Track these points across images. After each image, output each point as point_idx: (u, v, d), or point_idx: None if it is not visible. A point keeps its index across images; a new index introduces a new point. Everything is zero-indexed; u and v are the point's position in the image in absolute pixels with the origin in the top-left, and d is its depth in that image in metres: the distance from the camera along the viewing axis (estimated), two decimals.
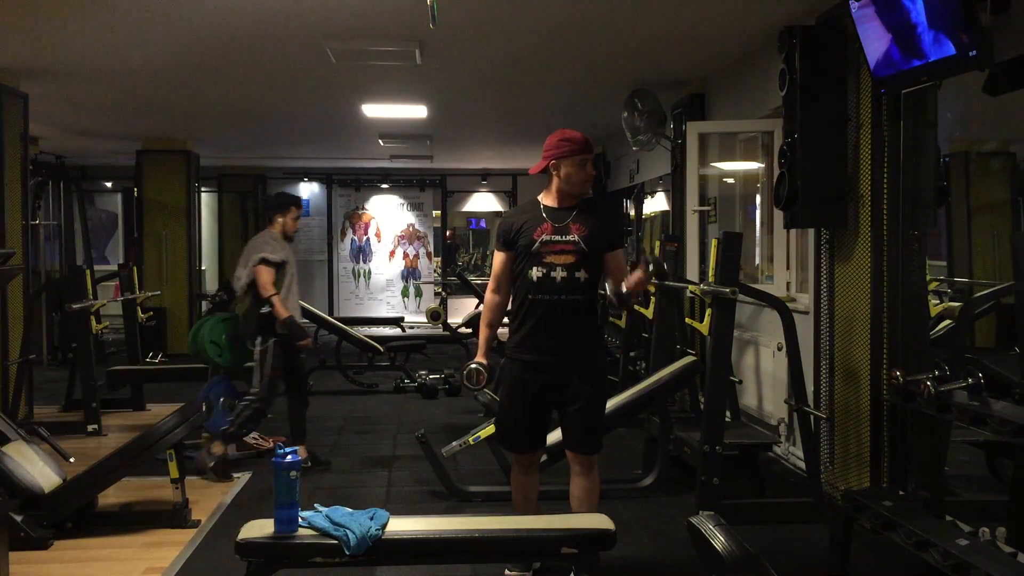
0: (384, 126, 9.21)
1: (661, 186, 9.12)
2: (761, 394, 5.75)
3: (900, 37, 3.54)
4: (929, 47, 3.38)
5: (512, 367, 3.48)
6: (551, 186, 3.49)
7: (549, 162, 3.44)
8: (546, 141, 3.48)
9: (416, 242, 14.59)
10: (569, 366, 3.40)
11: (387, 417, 7.12)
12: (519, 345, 3.45)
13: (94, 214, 13.78)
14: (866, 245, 4.22)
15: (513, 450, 3.59)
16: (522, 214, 3.51)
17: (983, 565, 2.65)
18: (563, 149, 3.42)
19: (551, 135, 3.48)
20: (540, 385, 3.41)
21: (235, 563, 2.85)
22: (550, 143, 3.46)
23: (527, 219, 3.45)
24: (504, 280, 3.52)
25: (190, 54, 5.91)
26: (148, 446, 4.21)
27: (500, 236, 3.53)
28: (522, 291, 3.43)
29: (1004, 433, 2.83)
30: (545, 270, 3.37)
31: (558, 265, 3.37)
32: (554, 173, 3.45)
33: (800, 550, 3.97)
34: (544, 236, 3.39)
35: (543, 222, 3.42)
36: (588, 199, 3.52)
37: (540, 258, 3.38)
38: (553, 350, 3.40)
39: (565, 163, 3.41)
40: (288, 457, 2.80)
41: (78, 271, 6.91)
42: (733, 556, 2.08)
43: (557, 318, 3.38)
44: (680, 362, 4.97)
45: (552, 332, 3.39)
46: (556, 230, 3.39)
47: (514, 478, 3.62)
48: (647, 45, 5.77)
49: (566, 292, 3.37)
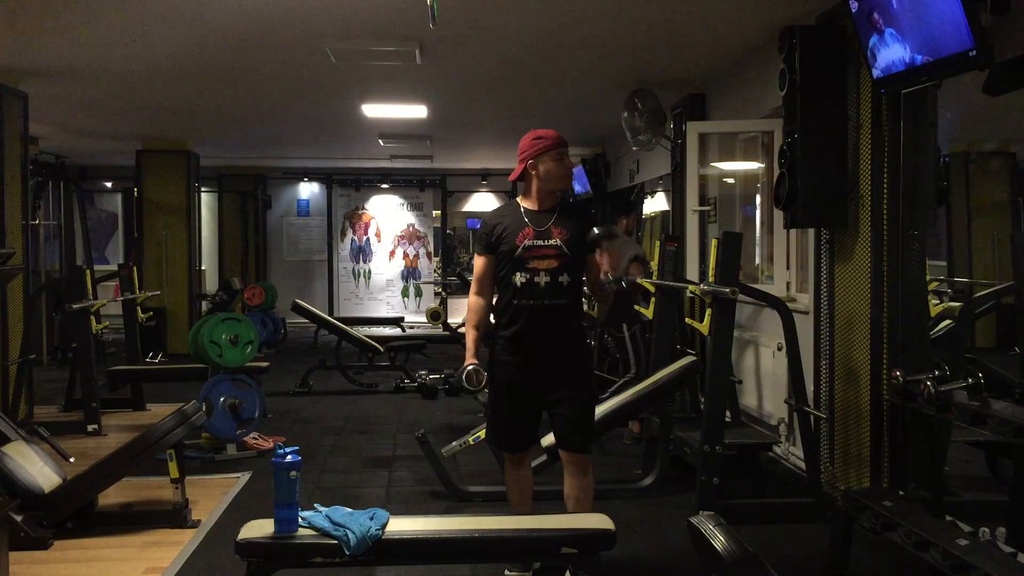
0: (384, 126, 9.21)
1: (661, 186, 9.11)
2: (761, 394, 5.75)
3: (900, 37, 3.54)
4: (929, 47, 3.38)
5: (500, 368, 3.46)
6: (530, 188, 3.47)
7: (526, 163, 3.43)
8: (519, 145, 3.47)
9: (416, 242, 14.59)
10: (555, 368, 3.40)
11: (387, 417, 7.12)
12: (506, 347, 3.44)
13: (94, 214, 13.78)
14: (866, 245, 4.22)
15: (505, 449, 3.60)
16: (502, 218, 3.48)
17: (983, 565, 2.65)
18: (538, 147, 3.42)
19: (523, 138, 3.48)
20: (528, 386, 3.42)
21: (235, 563, 2.85)
22: (524, 145, 3.45)
23: (508, 223, 3.43)
24: (487, 283, 3.51)
25: (190, 54, 5.91)
26: (148, 446, 4.21)
27: (480, 240, 3.50)
28: (506, 295, 3.42)
29: (1004, 433, 2.84)
30: (528, 275, 3.35)
31: (541, 270, 3.35)
32: (532, 173, 3.43)
33: (800, 550, 3.97)
34: (526, 241, 3.37)
35: (524, 226, 3.40)
36: (568, 203, 3.53)
37: (523, 263, 3.37)
38: (539, 352, 3.40)
39: (543, 160, 3.41)
40: (288, 457, 2.79)
41: (78, 271, 6.91)
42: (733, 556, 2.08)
43: (542, 322, 3.38)
44: (680, 362, 4.97)
45: (537, 335, 3.39)
46: (538, 234, 3.38)
47: (508, 473, 3.63)
48: (647, 45, 5.77)
49: (549, 297, 3.36)
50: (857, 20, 3.79)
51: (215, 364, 5.75)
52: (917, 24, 3.42)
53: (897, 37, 3.56)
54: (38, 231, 10.01)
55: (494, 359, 3.49)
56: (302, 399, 7.93)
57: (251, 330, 5.88)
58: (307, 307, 9.49)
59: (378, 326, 12.05)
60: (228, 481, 5.11)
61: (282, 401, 7.70)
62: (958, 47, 3.20)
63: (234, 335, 5.76)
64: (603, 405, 4.93)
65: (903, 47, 3.53)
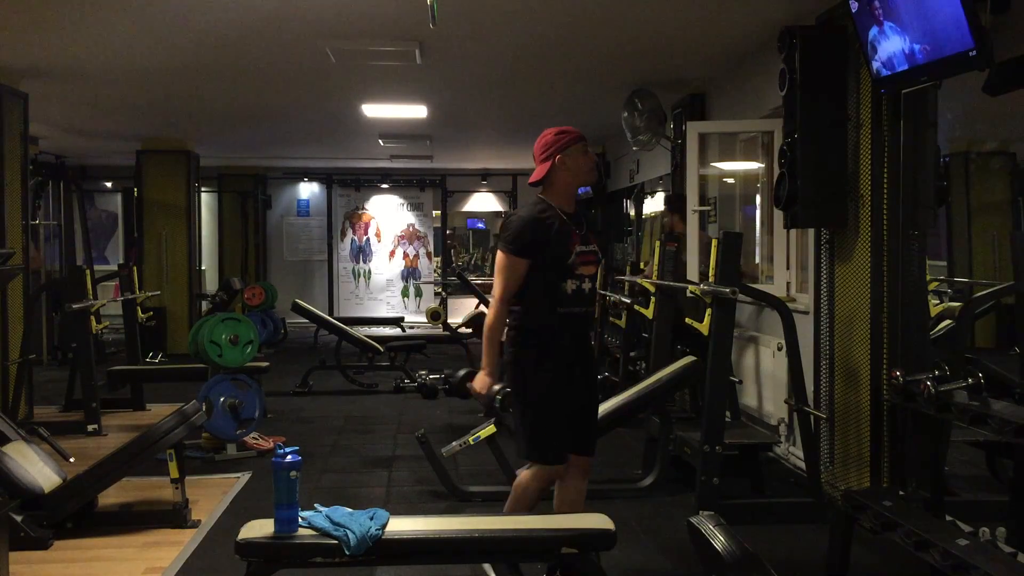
0: (384, 126, 9.21)
1: (661, 186, 9.11)
2: (761, 394, 5.75)
3: (900, 37, 3.54)
4: (929, 47, 3.38)
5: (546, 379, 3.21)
6: (559, 187, 3.27)
7: (554, 159, 3.23)
8: (538, 144, 3.29)
9: (416, 242, 14.59)
10: (586, 373, 3.36)
11: (387, 417, 7.12)
12: (555, 359, 3.21)
13: (94, 214, 13.78)
14: (866, 245, 4.22)
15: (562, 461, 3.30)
16: (549, 219, 3.21)
17: (983, 565, 2.65)
18: (562, 140, 3.26)
19: (540, 138, 3.30)
20: (574, 395, 3.30)
21: (235, 563, 2.85)
22: (547, 141, 3.27)
23: (557, 227, 3.20)
24: (517, 290, 3.21)
25: (190, 54, 5.91)
26: (148, 446, 4.21)
27: (519, 240, 3.18)
28: (546, 302, 3.19)
29: (1004, 433, 2.83)
30: (578, 283, 3.21)
31: (587, 276, 3.24)
32: (561, 169, 3.24)
33: (800, 550, 3.97)
34: (577, 247, 3.20)
35: (571, 230, 3.21)
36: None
37: (573, 270, 3.19)
38: (580, 361, 3.31)
39: (570, 154, 3.24)
40: (288, 457, 2.79)
41: (78, 271, 6.91)
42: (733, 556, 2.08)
43: (584, 330, 3.34)
44: (680, 362, 4.97)
45: (580, 344, 3.32)
46: (582, 239, 3.24)
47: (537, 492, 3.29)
48: (647, 45, 5.77)
49: (591, 303, 3.31)
50: (857, 20, 3.79)
51: (215, 364, 5.75)
52: (917, 24, 3.42)
53: (897, 29, 3.56)
54: (38, 231, 10.01)
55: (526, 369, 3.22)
56: (302, 399, 7.92)
57: (251, 330, 5.88)
58: (307, 307, 9.49)
59: (378, 326, 12.05)
60: (228, 481, 5.11)
61: (282, 401, 7.70)
62: (958, 47, 3.20)
63: (234, 335, 5.76)
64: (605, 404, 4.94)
65: (903, 39, 3.52)
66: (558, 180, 3.27)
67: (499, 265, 3.23)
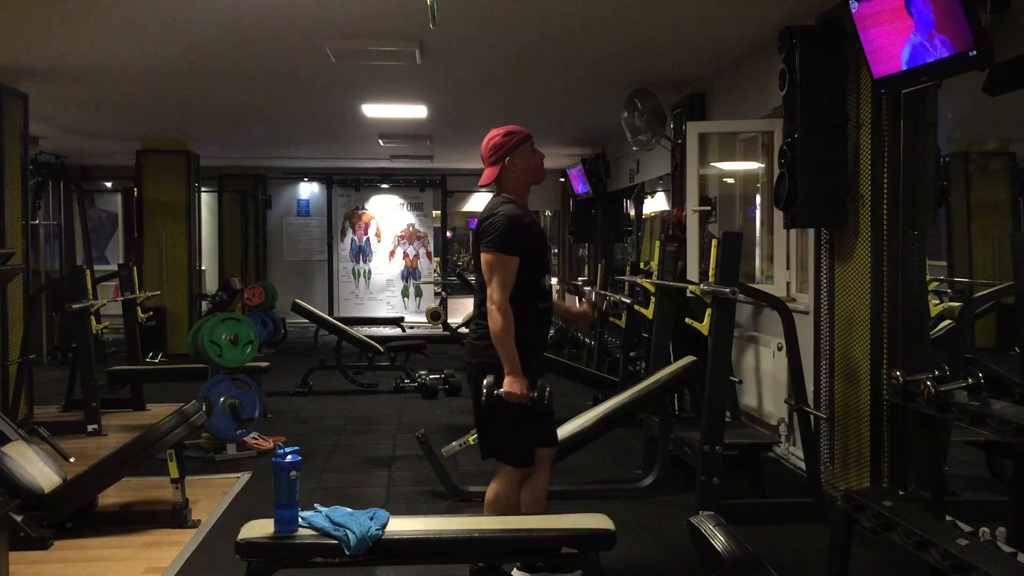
0: (384, 126, 9.21)
1: (661, 186, 9.11)
2: (761, 394, 5.75)
3: (900, 37, 3.54)
4: (929, 47, 3.38)
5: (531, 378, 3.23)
6: (514, 187, 3.31)
7: (504, 160, 3.26)
8: (486, 146, 3.30)
9: (416, 242, 14.59)
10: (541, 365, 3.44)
11: (387, 417, 7.12)
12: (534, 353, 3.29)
13: (94, 214, 13.78)
14: (866, 245, 4.22)
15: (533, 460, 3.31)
16: (526, 216, 3.30)
17: (983, 565, 2.65)
18: (511, 141, 3.27)
19: (487, 140, 3.30)
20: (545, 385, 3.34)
21: (235, 563, 2.85)
22: (495, 143, 3.28)
23: (533, 223, 3.34)
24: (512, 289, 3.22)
25: (190, 54, 5.91)
26: (148, 446, 4.21)
27: (515, 239, 3.19)
28: (527, 298, 3.21)
29: (1004, 433, 2.83)
30: (549, 278, 3.40)
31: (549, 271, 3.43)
32: (512, 170, 3.28)
33: (800, 550, 3.97)
34: (547, 242, 3.38)
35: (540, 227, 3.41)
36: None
37: (548, 266, 3.38)
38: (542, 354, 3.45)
39: (520, 154, 3.29)
40: (288, 457, 2.80)
41: (78, 271, 6.91)
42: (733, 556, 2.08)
43: (549, 324, 3.46)
44: (680, 362, 4.97)
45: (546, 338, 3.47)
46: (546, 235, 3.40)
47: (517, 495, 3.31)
48: (647, 45, 5.77)
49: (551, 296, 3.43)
50: (857, 20, 3.79)
51: (215, 364, 5.75)
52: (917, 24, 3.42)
53: (897, 37, 3.56)
54: (38, 231, 10.01)
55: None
56: (302, 399, 7.92)
57: (251, 330, 5.88)
58: (307, 307, 9.50)
59: (378, 326, 12.05)
60: (228, 481, 5.11)
61: (282, 401, 7.70)
62: (958, 47, 3.20)
63: (234, 335, 5.76)
64: (604, 405, 4.94)
65: (903, 47, 3.52)
66: (510, 180, 3.32)
67: (489, 265, 3.18)
